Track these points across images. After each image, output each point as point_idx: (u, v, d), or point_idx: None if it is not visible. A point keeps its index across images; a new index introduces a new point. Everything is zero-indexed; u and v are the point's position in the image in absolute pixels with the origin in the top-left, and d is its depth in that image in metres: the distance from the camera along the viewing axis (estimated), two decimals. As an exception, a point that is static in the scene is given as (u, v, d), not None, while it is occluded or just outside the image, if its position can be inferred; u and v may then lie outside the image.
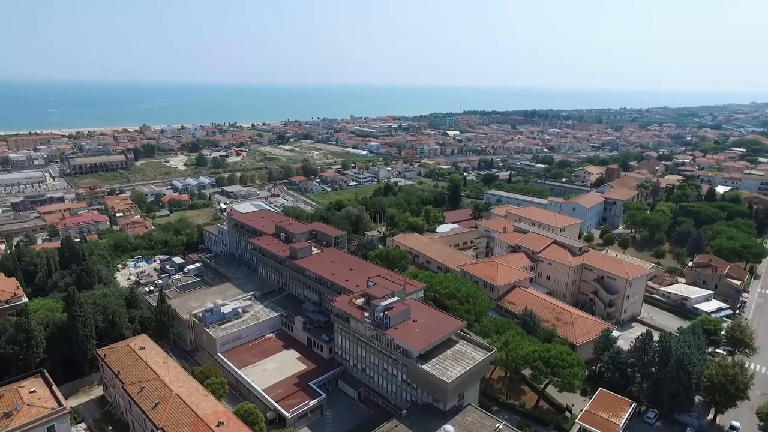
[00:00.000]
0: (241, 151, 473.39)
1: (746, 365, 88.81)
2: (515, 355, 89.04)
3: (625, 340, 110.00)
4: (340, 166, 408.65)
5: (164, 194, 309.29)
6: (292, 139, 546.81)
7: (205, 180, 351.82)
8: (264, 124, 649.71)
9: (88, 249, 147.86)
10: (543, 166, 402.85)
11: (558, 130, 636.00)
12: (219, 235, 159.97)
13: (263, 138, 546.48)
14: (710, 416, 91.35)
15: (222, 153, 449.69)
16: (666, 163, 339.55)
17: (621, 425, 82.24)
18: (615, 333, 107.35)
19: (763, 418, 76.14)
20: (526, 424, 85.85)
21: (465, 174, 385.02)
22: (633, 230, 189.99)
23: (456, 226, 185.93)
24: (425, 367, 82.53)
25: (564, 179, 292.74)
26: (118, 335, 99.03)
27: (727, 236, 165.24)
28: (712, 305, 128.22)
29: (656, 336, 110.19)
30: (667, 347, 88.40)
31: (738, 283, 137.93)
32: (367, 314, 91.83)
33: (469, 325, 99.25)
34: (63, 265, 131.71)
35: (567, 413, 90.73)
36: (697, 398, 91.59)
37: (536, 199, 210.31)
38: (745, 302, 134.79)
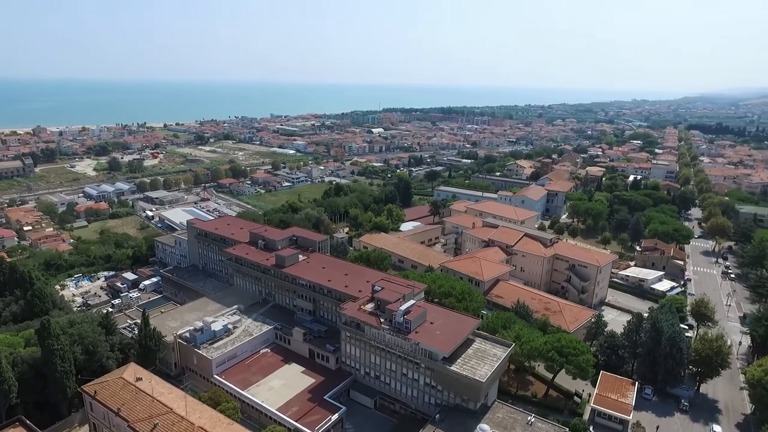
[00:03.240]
0: (158, 153, 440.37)
1: (725, 337, 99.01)
2: (529, 347, 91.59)
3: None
4: (270, 167, 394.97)
5: (77, 203, 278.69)
6: (212, 140, 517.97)
7: (123, 186, 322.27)
8: (177, 124, 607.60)
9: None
10: (469, 161, 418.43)
11: (476, 126, 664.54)
12: (176, 246, 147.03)
13: (179, 139, 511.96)
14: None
15: (136, 156, 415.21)
16: (583, 155, 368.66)
17: (632, 404, 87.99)
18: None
19: (754, 384, 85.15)
20: (544, 413, 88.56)
21: (398, 170, 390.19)
22: (576, 219, 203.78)
23: (418, 223, 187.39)
24: (454, 368, 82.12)
25: (498, 173, 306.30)
26: (98, 367, 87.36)
27: (660, 221, 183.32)
28: (666, 285, 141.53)
29: (624, 317, 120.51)
30: (660, 327, 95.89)
31: (681, 263, 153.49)
32: (383, 320, 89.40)
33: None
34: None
35: (576, 398, 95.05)
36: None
37: (486, 194, 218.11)
38: (690, 280, 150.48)
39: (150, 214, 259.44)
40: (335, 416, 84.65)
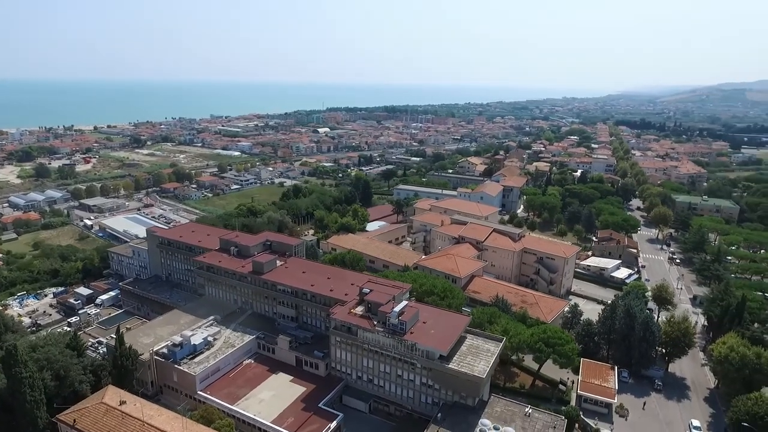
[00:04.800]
0: (90, 157, 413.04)
1: (689, 319, 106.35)
2: (518, 340, 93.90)
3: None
4: (216, 169, 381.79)
5: (2, 214, 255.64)
6: (149, 143, 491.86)
7: (54, 194, 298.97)
8: (109, 126, 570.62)
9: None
10: (418, 159, 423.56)
11: (420, 125, 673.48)
12: (135, 257, 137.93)
13: (113, 142, 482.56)
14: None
15: (66, 161, 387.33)
16: (528, 151, 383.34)
17: (615, 388, 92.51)
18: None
19: (721, 361, 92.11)
20: (535, 403, 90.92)
21: (349, 170, 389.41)
22: (532, 213, 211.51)
23: (383, 223, 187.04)
24: (452, 366, 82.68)
25: (450, 171, 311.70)
26: (70, 393, 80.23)
27: (609, 212, 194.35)
28: (624, 272, 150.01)
29: (591, 305, 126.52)
30: (633, 313, 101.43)
31: (635, 251, 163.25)
32: (375, 322, 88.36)
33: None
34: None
35: (561, 386, 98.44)
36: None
37: (445, 191, 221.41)
38: (644, 266, 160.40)
39: (89, 223, 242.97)
40: (334, 424, 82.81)
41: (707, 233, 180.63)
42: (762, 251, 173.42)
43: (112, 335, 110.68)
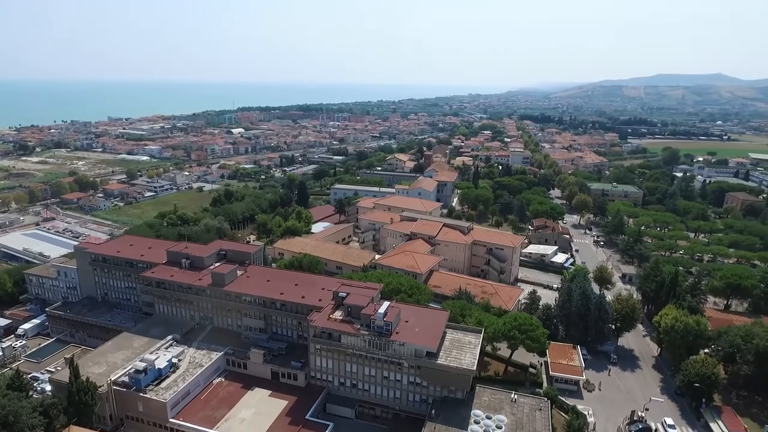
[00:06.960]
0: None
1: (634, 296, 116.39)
2: (493, 330, 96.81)
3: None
4: (124, 176, 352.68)
5: None
6: (38, 149, 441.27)
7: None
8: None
9: None
10: (341, 157, 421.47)
11: (338, 123, 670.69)
12: (61, 278, 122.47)
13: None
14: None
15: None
16: (449, 147, 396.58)
17: (582, 366, 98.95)
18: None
19: (668, 331, 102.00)
20: (512, 388, 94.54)
21: (272, 171, 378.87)
22: (466, 206, 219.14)
23: (328, 224, 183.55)
24: (440, 362, 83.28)
25: (379, 168, 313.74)
26: (22, 441, 69.36)
27: (537, 202, 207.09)
28: (561, 257, 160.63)
29: (539, 291, 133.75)
30: (588, 295, 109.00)
31: (568, 237, 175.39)
32: (358, 326, 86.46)
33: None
34: None
35: (532, 369, 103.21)
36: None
37: (382, 189, 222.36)
38: (577, 250, 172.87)
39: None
40: (326, 435, 79.97)
41: (623, 216, 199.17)
42: (666, 230, 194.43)
43: (48, 368, 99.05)
